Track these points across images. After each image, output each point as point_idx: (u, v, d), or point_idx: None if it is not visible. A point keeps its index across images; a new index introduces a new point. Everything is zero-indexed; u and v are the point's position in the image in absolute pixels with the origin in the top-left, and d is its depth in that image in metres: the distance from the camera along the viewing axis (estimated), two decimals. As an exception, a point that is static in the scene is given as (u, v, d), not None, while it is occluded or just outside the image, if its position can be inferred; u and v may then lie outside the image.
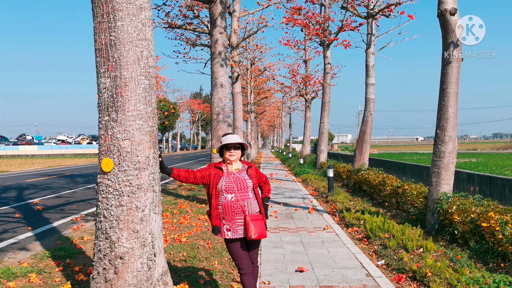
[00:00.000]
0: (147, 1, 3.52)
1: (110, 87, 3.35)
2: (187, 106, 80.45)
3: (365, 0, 15.48)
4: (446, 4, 6.68)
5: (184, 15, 14.94)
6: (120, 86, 3.35)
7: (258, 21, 18.98)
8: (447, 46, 6.80)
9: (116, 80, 3.35)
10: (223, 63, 10.97)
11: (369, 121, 14.46)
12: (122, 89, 3.35)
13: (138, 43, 3.42)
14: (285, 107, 52.81)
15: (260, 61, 31.87)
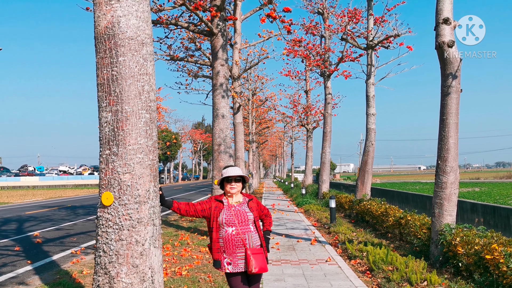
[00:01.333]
0: (149, 36, 3.58)
1: (111, 121, 3.38)
2: (189, 136, 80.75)
3: (365, 32, 15.74)
4: (443, 36, 6.78)
5: (186, 48, 15.17)
6: (121, 120, 3.38)
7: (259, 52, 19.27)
8: (445, 78, 6.86)
9: (118, 114, 3.38)
10: (225, 95, 11.07)
11: (370, 151, 14.46)
12: (123, 123, 3.38)
13: (140, 77, 3.46)
14: (286, 136, 52.97)
15: (261, 92, 32.19)
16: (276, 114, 37.13)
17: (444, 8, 6.86)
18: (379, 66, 15.18)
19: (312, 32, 20.64)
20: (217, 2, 11.12)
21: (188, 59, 14.72)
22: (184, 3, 9.79)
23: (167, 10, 10.79)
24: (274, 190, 38.87)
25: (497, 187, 35.66)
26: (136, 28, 3.46)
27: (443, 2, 6.90)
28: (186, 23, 12.20)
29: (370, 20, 15.16)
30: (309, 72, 27.64)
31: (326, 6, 20.67)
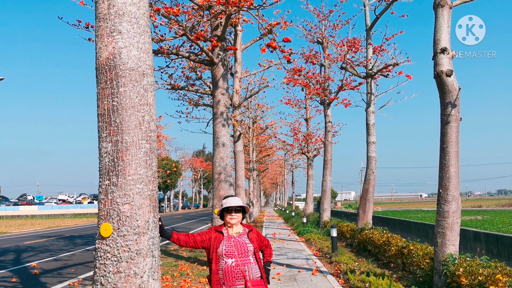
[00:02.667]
0: (150, 67, 3.61)
1: (111, 151, 3.38)
2: (189, 164, 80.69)
3: (364, 60, 15.91)
4: (442, 66, 6.84)
5: (187, 77, 15.32)
6: (121, 151, 3.37)
7: (260, 81, 19.46)
8: (445, 106, 6.89)
9: (118, 145, 3.37)
10: (225, 123, 11.10)
11: (371, 179, 14.41)
12: (123, 153, 3.37)
13: (140, 108, 3.48)
14: (287, 164, 52.89)
15: (262, 120, 32.33)
16: (276, 142, 37.20)
17: (441, 38, 6.95)
18: (379, 94, 15.29)
19: (311, 61, 20.87)
20: (218, 33, 11.29)
21: (189, 88, 14.84)
22: (185, 33, 9.93)
23: (169, 40, 10.94)
24: (275, 218, 38.57)
25: (499, 215, 35.39)
26: (137, 59, 3.50)
27: (440, 32, 6.99)
28: (187, 52, 12.35)
29: (369, 49, 15.35)
30: (309, 100, 27.83)
31: (325, 36, 20.96)
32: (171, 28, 10.38)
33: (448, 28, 7.04)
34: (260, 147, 38.73)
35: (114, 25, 3.46)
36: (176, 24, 10.45)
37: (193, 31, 10.52)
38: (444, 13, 7.08)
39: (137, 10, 3.55)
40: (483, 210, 48.44)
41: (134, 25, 3.51)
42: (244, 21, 14.63)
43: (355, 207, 55.12)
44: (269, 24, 9.84)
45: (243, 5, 9.46)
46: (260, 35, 11.99)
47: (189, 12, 11.49)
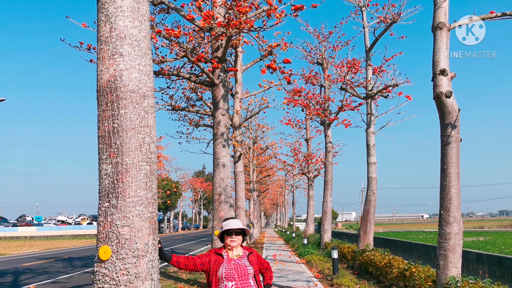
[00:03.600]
0: (150, 89, 3.63)
1: (111, 173, 3.37)
2: (190, 184, 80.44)
3: (364, 81, 16.00)
4: (441, 87, 6.88)
5: (188, 98, 15.38)
6: (121, 172, 3.36)
7: (260, 102, 19.53)
8: (444, 127, 6.90)
9: (118, 167, 3.37)
10: (226, 144, 11.10)
11: (372, 200, 14.35)
12: (123, 175, 3.36)
13: (141, 129, 3.48)
14: (287, 185, 52.73)
15: (262, 140, 32.35)
16: (277, 162, 37.15)
17: (440, 60, 7.00)
18: (379, 115, 15.34)
19: (311, 82, 21.01)
20: (219, 54, 11.38)
21: (190, 109, 14.89)
22: (186, 55, 10.01)
23: (170, 61, 11.02)
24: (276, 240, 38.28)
25: (501, 236, 35.13)
26: (138, 81, 3.51)
27: (439, 54, 7.04)
28: (188, 74, 12.42)
29: (369, 70, 15.46)
30: (309, 120, 27.90)
31: (325, 57, 21.14)
32: (172, 49, 10.47)
33: (446, 50, 7.10)
34: (261, 168, 38.67)
35: (116, 47, 3.49)
36: (177, 45, 10.54)
37: (194, 52, 10.61)
38: (442, 35, 7.14)
39: (138, 33, 3.58)
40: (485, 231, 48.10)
41: (135, 48, 3.54)
42: (245, 43, 14.76)
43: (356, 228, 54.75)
44: (269, 46, 9.93)
45: (243, 27, 9.56)
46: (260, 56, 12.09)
47: (190, 33, 11.61)
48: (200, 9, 10.32)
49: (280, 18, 10.17)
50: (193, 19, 9.87)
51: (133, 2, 3.57)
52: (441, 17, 7.20)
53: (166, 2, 10.14)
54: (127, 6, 3.54)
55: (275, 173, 45.77)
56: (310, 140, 29.61)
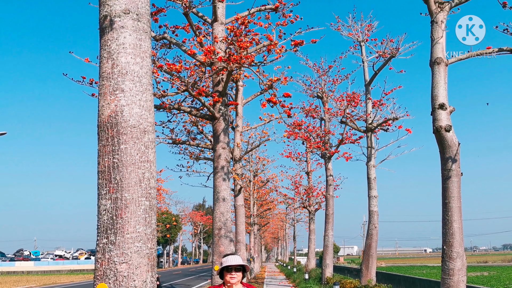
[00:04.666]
0: (151, 124, 3.65)
1: (110, 209, 3.35)
2: (190, 218, 79.79)
3: (363, 115, 16.12)
4: (440, 121, 6.91)
5: (188, 131, 15.43)
6: (120, 208, 3.34)
7: (260, 135, 19.60)
8: (445, 162, 6.90)
9: (117, 202, 3.35)
10: (226, 178, 11.07)
11: (374, 234, 14.20)
12: (123, 211, 3.34)
13: (141, 165, 3.48)
14: (288, 218, 52.29)
15: (263, 173, 32.27)
16: (277, 195, 36.97)
17: (439, 94, 7.06)
18: (379, 148, 15.38)
19: (312, 115, 21.16)
20: (219, 88, 11.49)
21: (190, 142, 14.93)
22: (187, 89, 10.11)
23: (171, 95, 11.12)
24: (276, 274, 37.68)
25: (506, 271, 34.56)
26: (138, 116, 3.54)
27: (438, 88, 7.11)
28: (188, 107, 12.52)
29: (369, 104, 15.58)
30: (310, 153, 27.93)
31: (325, 91, 21.34)
32: (174, 84, 10.58)
33: (445, 84, 7.18)
34: (261, 201, 38.46)
35: (117, 83, 3.53)
36: (178, 80, 10.66)
37: (195, 86, 10.72)
38: (440, 70, 7.23)
39: (140, 69, 3.63)
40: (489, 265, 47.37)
41: (136, 84, 3.58)
42: (245, 77, 14.94)
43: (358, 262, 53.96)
44: (269, 80, 10.04)
45: (244, 62, 9.69)
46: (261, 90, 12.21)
47: (191, 68, 11.76)
48: (202, 44, 10.50)
49: (280, 53, 10.33)
50: (194, 54, 10.03)
51: (135, 39, 3.63)
52: (438, 53, 7.31)
53: (168, 37, 10.32)
54: (129, 43, 3.60)
55: (276, 206, 45.48)
56: (311, 173, 29.55)
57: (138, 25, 3.66)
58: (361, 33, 16.83)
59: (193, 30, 11.01)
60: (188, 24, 10.75)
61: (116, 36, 3.58)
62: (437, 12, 7.44)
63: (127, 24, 3.61)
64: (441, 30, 7.36)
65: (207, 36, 11.98)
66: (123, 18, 3.60)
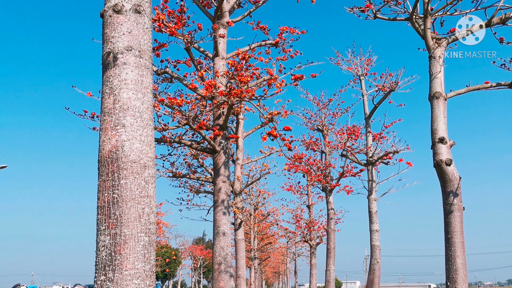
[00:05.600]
0: (151, 159, 3.66)
1: (109, 244, 3.32)
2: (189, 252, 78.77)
3: (364, 148, 16.15)
4: (441, 155, 6.92)
5: (189, 164, 15.43)
6: (119, 244, 3.31)
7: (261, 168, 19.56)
8: (446, 196, 6.87)
9: (116, 238, 3.32)
10: (226, 211, 11.00)
11: (376, 269, 13.99)
12: (121, 247, 3.31)
13: (140, 200, 3.47)
14: (289, 253, 51.60)
15: (263, 206, 32.04)
16: (278, 229, 36.60)
17: (439, 128, 7.10)
18: (380, 181, 15.33)
19: (312, 148, 21.21)
20: (220, 122, 11.56)
21: (190, 176, 14.90)
22: (188, 122, 10.17)
23: (171, 129, 11.18)
24: (277, 310, 36.90)
25: (512, 306, 33.84)
26: (139, 151, 3.55)
27: (437, 122, 7.15)
28: (189, 141, 12.55)
29: (369, 137, 15.64)
30: (310, 187, 27.80)
31: (325, 124, 21.45)
32: (174, 117, 10.65)
33: (444, 118, 7.22)
34: (262, 235, 38.04)
35: (118, 119, 3.56)
36: (180, 113, 10.74)
37: (195, 120, 10.79)
38: (439, 104, 7.29)
39: (141, 104, 3.67)
40: (495, 301, 46.41)
41: (137, 119, 3.61)
42: (246, 110, 15.05)
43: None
44: (270, 113, 10.11)
45: (245, 96, 9.78)
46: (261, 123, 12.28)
47: (192, 101, 11.87)
48: (203, 79, 10.62)
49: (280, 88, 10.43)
50: (195, 88, 10.14)
51: (137, 75, 3.68)
52: (437, 87, 7.39)
53: (170, 72, 10.46)
54: (131, 79, 3.65)
55: (277, 240, 44.95)
56: (312, 207, 29.32)
57: (140, 61, 3.72)
58: (360, 67, 17.06)
59: (194, 65, 11.16)
60: (190, 58, 10.90)
61: (119, 72, 3.64)
62: (435, 47, 7.56)
63: (130, 60, 3.67)
64: (439, 65, 7.47)
65: (208, 70, 12.15)
66: (126, 54, 3.67)
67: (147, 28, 3.86)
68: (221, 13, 10.32)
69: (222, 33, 10.37)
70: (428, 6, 7.62)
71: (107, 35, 3.73)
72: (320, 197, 29.03)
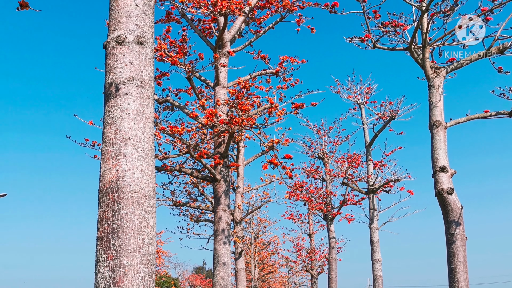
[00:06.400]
0: (152, 189, 3.65)
1: (108, 276, 3.27)
2: (189, 281, 77.61)
3: (365, 176, 16.11)
4: (442, 184, 6.89)
5: (189, 193, 15.38)
6: (118, 276, 3.27)
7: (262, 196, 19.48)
8: (449, 225, 6.81)
9: (115, 269, 3.28)
10: (226, 241, 10.89)
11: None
12: (120, 279, 3.26)
13: (140, 230, 3.44)
14: (290, 282, 50.83)
15: (264, 235, 31.75)
16: (279, 258, 36.16)
17: (439, 157, 7.10)
18: (382, 210, 15.24)
19: (313, 176, 21.16)
20: (221, 150, 11.57)
21: (191, 204, 14.83)
22: (189, 151, 10.18)
23: (172, 157, 11.18)
24: None
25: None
26: (140, 181, 3.54)
27: (437, 151, 7.15)
28: (190, 169, 12.53)
29: (370, 165, 15.62)
30: (311, 215, 27.60)
31: (326, 152, 21.46)
32: (175, 146, 10.67)
33: (445, 147, 7.23)
34: (262, 264, 37.57)
35: (120, 149, 3.57)
36: (180, 142, 10.76)
37: (196, 148, 10.81)
38: (439, 133, 7.31)
39: (142, 134, 3.68)
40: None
41: (138, 149, 3.62)
42: (247, 138, 15.10)
43: (363, 329, 51.87)
44: (270, 141, 10.12)
45: (245, 124, 9.83)
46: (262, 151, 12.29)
47: (193, 129, 11.91)
48: (204, 107, 10.68)
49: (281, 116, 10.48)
50: (196, 117, 10.20)
51: (138, 105, 3.71)
52: (437, 116, 7.42)
53: (171, 100, 10.54)
54: (132, 109, 3.67)
55: (278, 269, 44.33)
56: (313, 235, 29.04)
57: (142, 91, 3.75)
58: (360, 96, 17.19)
59: (195, 93, 11.25)
60: (191, 87, 11.00)
61: (120, 103, 3.66)
62: (434, 77, 7.64)
63: (131, 91, 3.70)
64: (439, 94, 7.53)
65: (210, 99, 12.24)
66: (128, 85, 3.70)
67: (149, 59, 3.90)
68: (222, 43, 10.47)
69: (223, 62, 10.49)
70: (426, 36, 7.73)
71: (109, 66, 3.77)
72: (321, 225, 28.77)
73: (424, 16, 7.65)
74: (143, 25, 3.91)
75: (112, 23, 3.89)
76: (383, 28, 8.04)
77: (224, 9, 9.50)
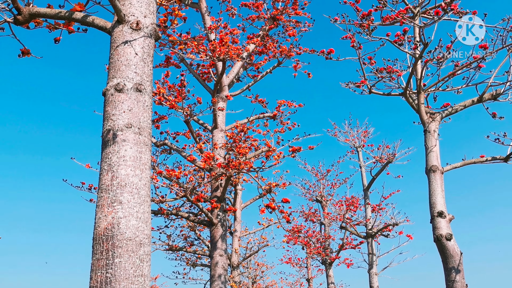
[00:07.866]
0: (147, 237, 3.60)
1: (99, 328, 3.18)
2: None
3: (363, 220, 15.98)
4: (440, 229, 6.83)
5: (186, 237, 15.19)
6: (110, 327, 3.18)
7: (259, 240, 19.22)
8: (448, 272, 6.70)
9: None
10: (223, 287, 10.67)
11: None
12: (112, 330, 3.17)
13: (134, 279, 3.38)
14: (289, 329, 49.37)
15: (261, 280, 31.08)
16: (277, 304, 35.24)
17: (437, 202, 7.07)
18: (381, 255, 15.04)
19: (311, 219, 20.96)
20: (218, 193, 11.51)
21: (187, 248, 14.62)
22: (185, 194, 10.14)
23: (169, 201, 11.11)
24: None
25: None
26: (135, 229, 3.51)
27: (435, 196, 7.13)
28: (186, 213, 12.43)
29: (368, 209, 15.53)
30: (310, 259, 27.15)
31: (324, 195, 21.36)
32: (172, 189, 10.62)
33: (442, 192, 7.21)
34: (260, 309, 36.58)
35: (116, 195, 3.55)
36: (177, 185, 10.72)
37: (193, 192, 10.75)
38: (436, 177, 7.31)
39: (139, 181, 3.67)
40: None
41: (135, 196, 3.60)
42: (244, 181, 15.05)
43: None
44: (268, 184, 10.10)
45: (243, 167, 9.84)
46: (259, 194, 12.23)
47: (190, 172, 11.89)
48: (201, 151, 10.72)
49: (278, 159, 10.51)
50: (194, 160, 10.21)
51: (136, 152, 3.72)
52: (433, 161, 7.45)
53: (169, 143, 10.58)
54: (129, 156, 3.68)
55: (276, 315, 43.14)
56: (312, 280, 28.42)
57: (139, 138, 3.78)
58: (357, 139, 17.33)
59: (193, 137, 11.31)
60: (189, 130, 11.08)
61: (118, 149, 3.68)
62: (429, 122, 7.72)
63: (129, 137, 3.72)
64: (434, 139, 7.59)
65: (207, 142, 12.29)
66: (125, 132, 3.73)
67: (147, 106, 3.95)
68: (221, 87, 10.62)
69: (221, 106, 10.61)
70: (420, 82, 7.87)
71: (108, 113, 3.81)
72: (319, 270, 28.23)
73: (418, 63, 7.81)
74: (142, 73, 3.98)
75: (112, 71, 3.96)
76: (379, 73, 8.20)
77: (223, 55, 9.70)
